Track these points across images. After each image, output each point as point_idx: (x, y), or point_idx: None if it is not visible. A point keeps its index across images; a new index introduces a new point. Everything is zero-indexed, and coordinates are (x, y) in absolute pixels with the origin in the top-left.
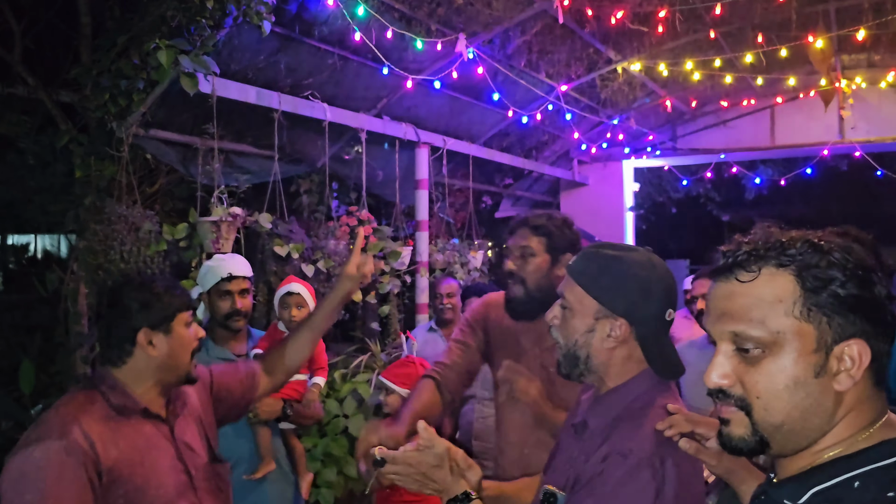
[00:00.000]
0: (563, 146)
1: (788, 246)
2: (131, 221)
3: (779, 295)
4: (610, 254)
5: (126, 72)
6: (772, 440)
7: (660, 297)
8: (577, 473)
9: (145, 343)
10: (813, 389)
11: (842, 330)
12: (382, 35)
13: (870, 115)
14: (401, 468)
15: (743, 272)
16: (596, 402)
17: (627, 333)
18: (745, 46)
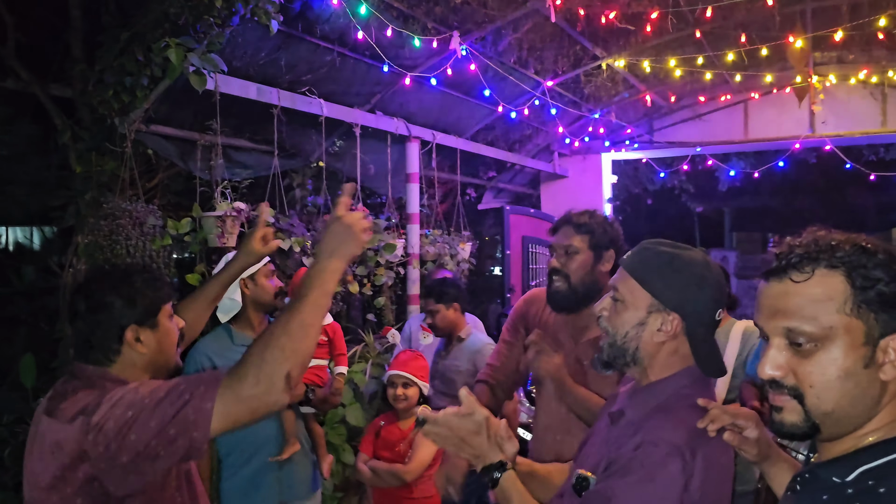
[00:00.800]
0: (545, 139)
1: (838, 249)
2: (135, 216)
3: (830, 294)
4: (666, 250)
5: (129, 68)
6: (822, 426)
7: (713, 295)
8: (609, 458)
9: (133, 341)
10: (861, 379)
11: (887, 325)
12: (381, 33)
13: (839, 110)
14: (441, 429)
15: (797, 273)
16: (635, 393)
17: (679, 329)
18: (728, 45)
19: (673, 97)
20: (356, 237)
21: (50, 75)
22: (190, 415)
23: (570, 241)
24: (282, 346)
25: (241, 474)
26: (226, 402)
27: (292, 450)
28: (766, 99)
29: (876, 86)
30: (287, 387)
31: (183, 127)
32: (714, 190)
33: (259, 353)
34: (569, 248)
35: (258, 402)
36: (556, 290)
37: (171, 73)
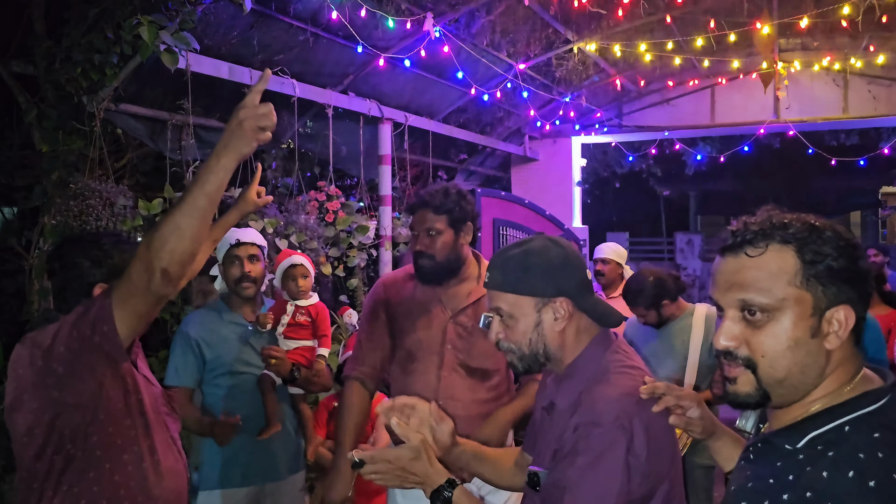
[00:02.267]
0: (516, 122)
1: (790, 226)
2: (105, 197)
3: (782, 267)
4: (516, 252)
5: (98, 45)
6: (773, 394)
7: (576, 263)
8: (554, 450)
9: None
10: (811, 348)
11: (833, 297)
12: (355, 13)
13: (803, 97)
14: (380, 466)
15: (752, 248)
16: (559, 382)
17: (571, 307)
18: (697, 30)
19: (642, 81)
20: (245, 133)
21: (10, 51)
22: (96, 312)
23: (430, 224)
24: (155, 248)
25: (220, 453)
26: (121, 297)
27: (272, 430)
28: (732, 84)
29: (838, 73)
30: (165, 281)
31: (153, 106)
32: (681, 174)
33: (141, 251)
34: (430, 230)
35: (145, 292)
36: (423, 266)
37: (142, 51)
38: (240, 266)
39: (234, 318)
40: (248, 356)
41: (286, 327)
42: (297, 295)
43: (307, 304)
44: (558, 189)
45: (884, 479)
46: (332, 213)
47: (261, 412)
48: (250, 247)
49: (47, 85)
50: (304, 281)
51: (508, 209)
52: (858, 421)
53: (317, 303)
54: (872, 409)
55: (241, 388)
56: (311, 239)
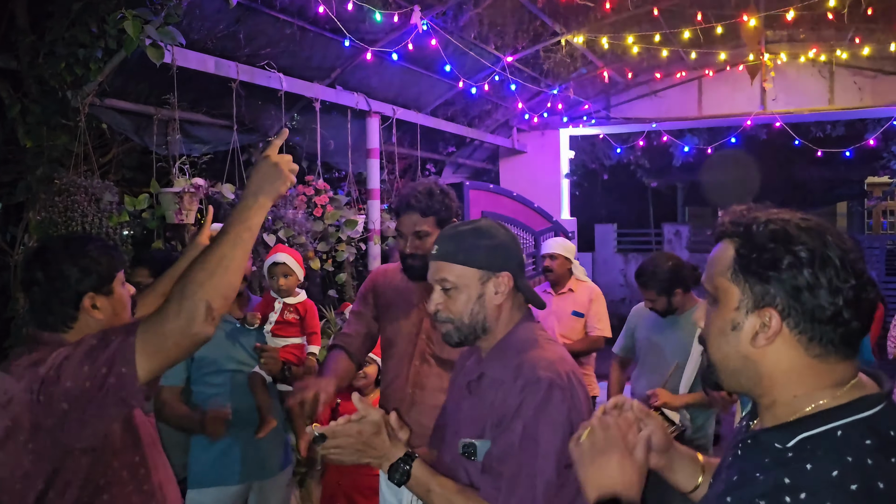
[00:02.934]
0: (504, 115)
1: (746, 220)
2: (91, 192)
3: (722, 258)
4: (467, 228)
5: (82, 39)
6: (719, 379)
7: (517, 245)
8: (497, 416)
9: (90, 307)
10: (731, 340)
11: (762, 298)
12: (342, 6)
13: (789, 88)
14: (341, 440)
15: (714, 242)
16: (489, 356)
17: (509, 283)
18: (684, 23)
19: (630, 73)
20: (283, 176)
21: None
22: (115, 351)
23: (419, 226)
24: (200, 281)
25: (210, 450)
26: (148, 338)
27: (269, 427)
28: (719, 76)
29: (824, 64)
30: (208, 317)
31: (138, 101)
32: (668, 165)
33: (179, 289)
34: (420, 232)
35: (181, 334)
36: (412, 266)
37: (127, 46)
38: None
39: (223, 317)
40: (236, 353)
41: (274, 325)
42: (280, 293)
43: (295, 302)
44: (546, 181)
45: (866, 485)
46: (320, 208)
47: (250, 409)
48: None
49: (31, 80)
50: (286, 280)
51: (497, 202)
52: (851, 426)
53: (305, 300)
54: (866, 416)
55: (230, 385)
56: (300, 234)
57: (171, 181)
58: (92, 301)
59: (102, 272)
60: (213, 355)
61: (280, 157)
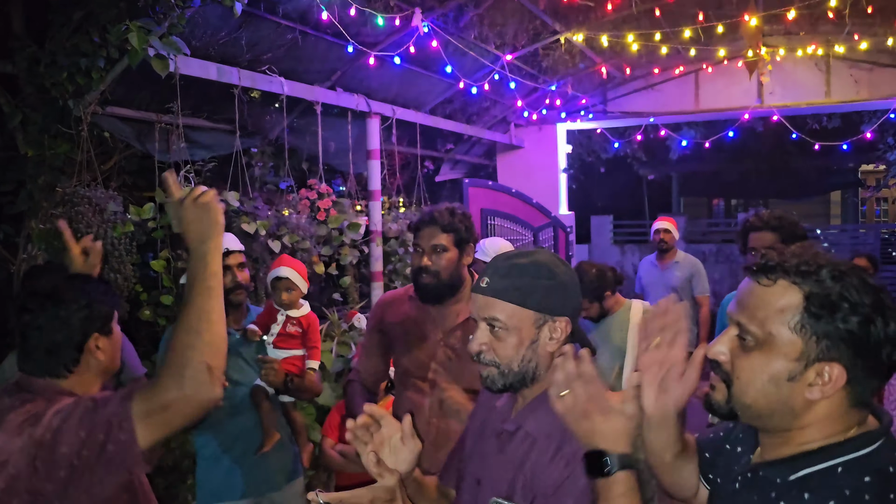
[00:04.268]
0: (502, 111)
1: (811, 268)
2: (95, 203)
3: (784, 306)
4: (526, 262)
5: (84, 49)
6: (741, 414)
7: (577, 287)
8: (529, 481)
9: (94, 349)
10: (783, 389)
11: (826, 352)
12: (344, 11)
13: (786, 81)
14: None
15: (764, 277)
16: (530, 406)
17: (569, 330)
18: (685, 21)
19: (628, 69)
20: (209, 209)
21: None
22: (112, 417)
23: (437, 240)
24: (191, 344)
25: (217, 466)
26: (147, 409)
27: (273, 441)
28: (716, 70)
29: (821, 58)
30: (213, 378)
31: (140, 108)
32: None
33: (173, 359)
34: (437, 246)
35: (187, 403)
36: (426, 284)
37: (132, 57)
38: (231, 275)
39: None
40: (237, 366)
41: (276, 337)
42: (283, 305)
43: (298, 315)
44: (544, 176)
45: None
46: (323, 212)
47: (255, 425)
48: (238, 255)
49: (30, 88)
50: (289, 294)
51: (496, 199)
52: (851, 463)
53: (308, 313)
54: (866, 452)
55: (232, 398)
56: (304, 238)
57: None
58: (96, 342)
59: (105, 312)
60: None
61: (193, 195)
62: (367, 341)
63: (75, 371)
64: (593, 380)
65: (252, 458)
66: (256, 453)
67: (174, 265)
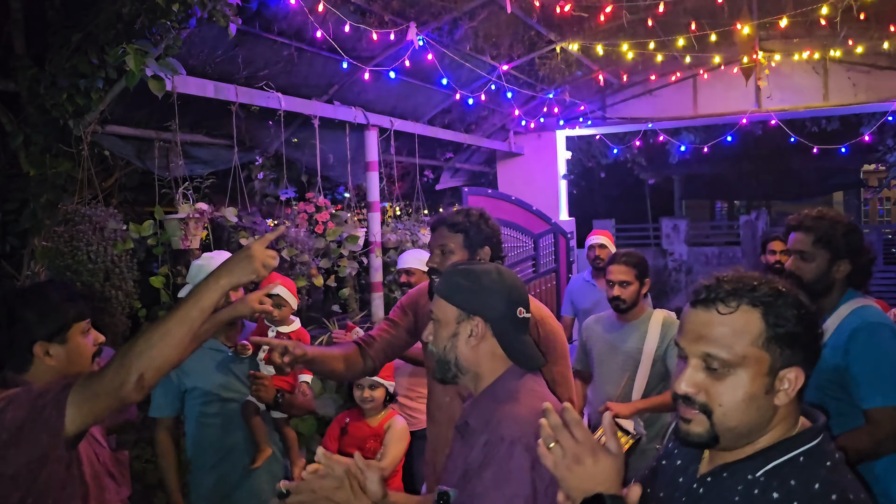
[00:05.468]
0: (501, 119)
1: (760, 289)
2: (96, 221)
3: (748, 328)
4: (462, 269)
5: (83, 70)
6: (723, 438)
7: (506, 296)
8: (465, 468)
9: (42, 354)
10: (762, 403)
11: (788, 359)
12: (339, 28)
13: (784, 85)
14: (305, 496)
15: (723, 305)
16: (475, 402)
17: (485, 330)
18: (678, 31)
19: (625, 76)
20: (252, 267)
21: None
22: (50, 398)
23: (445, 241)
24: (139, 351)
25: (207, 479)
26: (82, 393)
27: (264, 456)
28: (713, 75)
29: (818, 61)
30: (138, 387)
31: (139, 126)
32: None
33: (120, 354)
34: (444, 247)
35: (110, 397)
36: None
37: (129, 79)
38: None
39: (214, 345)
40: (228, 382)
41: (266, 353)
42: (274, 322)
43: (288, 331)
44: (544, 182)
45: (842, 496)
46: (321, 225)
47: (246, 439)
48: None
49: (32, 108)
50: (280, 311)
51: (495, 206)
52: (808, 453)
53: (298, 329)
54: (815, 444)
55: (224, 414)
56: (303, 252)
57: (175, 205)
58: (44, 349)
59: (58, 320)
60: (205, 385)
61: (260, 251)
62: (395, 315)
63: (31, 371)
64: (579, 425)
65: (242, 473)
66: (247, 468)
67: (173, 281)
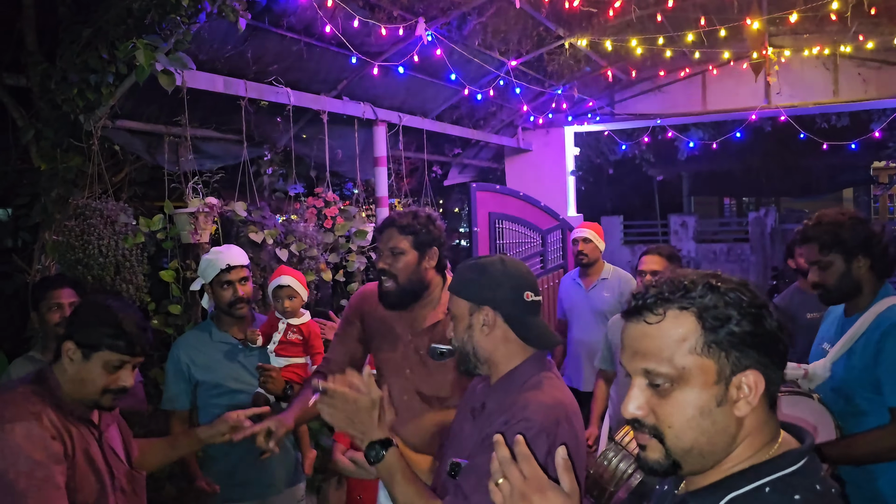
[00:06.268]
0: (509, 115)
1: (690, 289)
2: (107, 215)
3: (683, 335)
4: (470, 263)
5: (93, 65)
6: (683, 462)
7: (511, 282)
8: (481, 438)
9: (65, 351)
10: (717, 417)
11: (738, 362)
12: (348, 23)
13: (793, 81)
14: (337, 402)
15: (650, 314)
16: (493, 387)
17: (495, 317)
18: (688, 26)
19: (634, 72)
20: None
21: (2, 65)
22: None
23: (394, 242)
24: None
25: (218, 467)
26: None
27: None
28: (722, 71)
29: (828, 57)
30: None
31: (149, 121)
32: (674, 158)
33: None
34: (394, 249)
35: None
36: (387, 291)
37: (139, 74)
38: (232, 290)
39: (224, 338)
40: (239, 375)
41: (277, 345)
42: (285, 314)
43: (299, 323)
44: (552, 178)
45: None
46: (330, 220)
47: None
48: (240, 269)
49: (43, 103)
50: (291, 302)
51: (503, 202)
52: (778, 482)
53: (309, 321)
54: (792, 471)
55: (234, 406)
56: (311, 247)
57: (185, 199)
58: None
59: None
60: (215, 378)
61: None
62: (341, 330)
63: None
64: (528, 460)
65: (254, 463)
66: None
67: (183, 275)
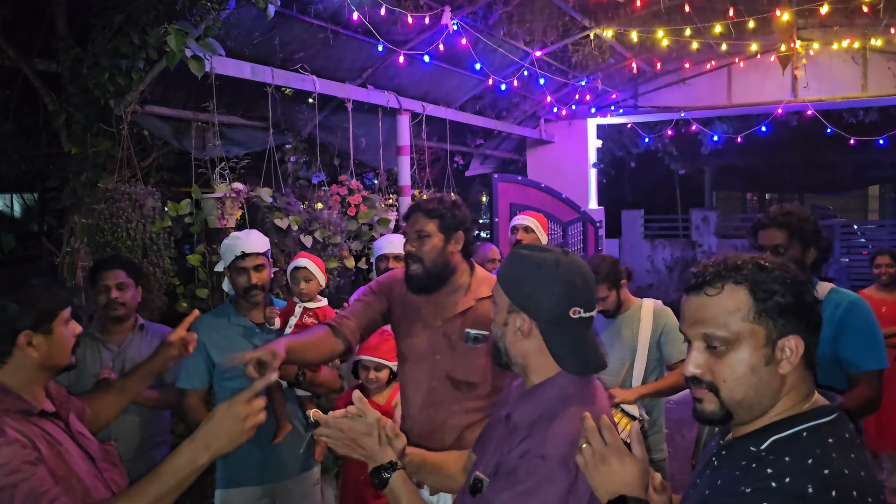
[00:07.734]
0: (532, 106)
1: (742, 267)
2: (135, 199)
3: (737, 305)
4: (521, 253)
5: (124, 51)
6: (735, 413)
7: (559, 294)
8: (499, 462)
9: (25, 345)
10: (764, 374)
11: (783, 328)
12: (374, 11)
13: (821, 75)
14: (333, 432)
15: (710, 288)
16: (522, 396)
17: (531, 327)
18: (715, 17)
19: (658, 64)
20: (237, 433)
21: (34, 51)
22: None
23: (420, 225)
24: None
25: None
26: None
27: (284, 433)
28: (749, 63)
29: (857, 51)
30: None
31: (177, 107)
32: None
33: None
34: (420, 232)
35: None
36: (413, 274)
37: (170, 59)
38: (247, 277)
39: (242, 321)
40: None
41: (293, 328)
42: (301, 297)
43: (315, 307)
44: (574, 171)
45: (835, 472)
46: (353, 207)
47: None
48: (256, 257)
49: (73, 88)
50: (307, 284)
51: (524, 193)
52: (815, 429)
53: (324, 306)
54: (825, 421)
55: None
56: (335, 234)
57: (212, 185)
58: (28, 339)
59: (43, 309)
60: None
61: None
62: (367, 299)
63: (8, 362)
64: (610, 430)
65: (267, 448)
66: (270, 443)
67: (209, 259)
